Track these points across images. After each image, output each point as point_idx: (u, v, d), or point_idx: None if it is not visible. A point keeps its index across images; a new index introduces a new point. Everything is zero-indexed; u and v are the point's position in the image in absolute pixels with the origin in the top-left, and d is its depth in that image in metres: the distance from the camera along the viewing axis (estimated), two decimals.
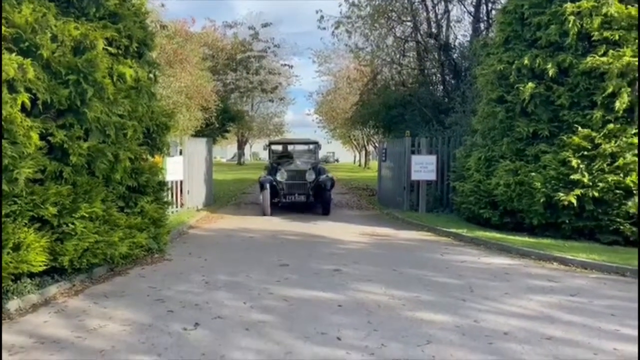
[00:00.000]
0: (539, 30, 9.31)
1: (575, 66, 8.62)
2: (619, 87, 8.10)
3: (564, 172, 8.37)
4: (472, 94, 13.26)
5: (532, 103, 9.08)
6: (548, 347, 4.20)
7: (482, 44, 12.45)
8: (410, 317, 4.94)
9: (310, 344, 4.24)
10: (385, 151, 15.22)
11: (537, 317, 4.96)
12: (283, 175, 12.72)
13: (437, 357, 3.98)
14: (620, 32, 8.39)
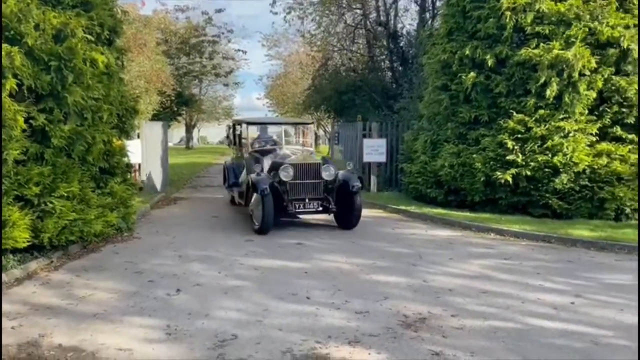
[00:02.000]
0: (479, 23, 10.13)
1: (511, 57, 9.50)
2: (549, 77, 9.02)
3: (501, 154, 9.28)
4: (418, 81, 14.08)
5: (474, 91, 9.93)
6: (485, 299, 4.98)
7: (428, 34, 13.26)
8: (369, 279, 5.62)
9: (284, 302, 4.84)
10: (337, 135, 15.89)
11: (476, 276, 5.76)
12: (288, 171, 8.07)
13: (394, 309, 4.67)
14: (550, 26, 9.31)
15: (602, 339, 4.01)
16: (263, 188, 7.78)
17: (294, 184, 8.13)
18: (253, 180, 8.07)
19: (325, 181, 8.27)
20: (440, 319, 4.44)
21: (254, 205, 8.20)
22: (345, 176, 8.42)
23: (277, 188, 8.05)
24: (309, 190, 8.21)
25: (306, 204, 8.12)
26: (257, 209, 8.01)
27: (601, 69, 8.96)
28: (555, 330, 4.18)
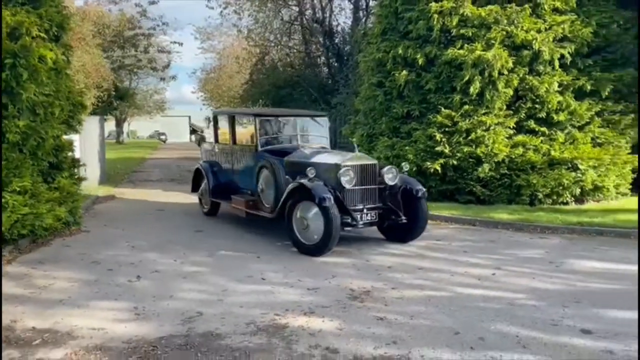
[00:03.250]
0: (410, 24, 10.89)
1: (439, 57, 10.32)
2: (472, 76, 9.89)
3: (431, 145, 10.09)
4: (354, 77, 14.77)
5: (406, 88, 10.69)
6: (420, 274, 5.65)
7: (362, 33, 13.96)
8: (318, 261, 6.16)
9: (242, 284, 5.27)
10: None
11: (412, 255, 6.44)
12: (349, 175, 6.61)
13: (341, 285, 5.22)
14: (473, 29, 10.20)
15: (516, 301, 4.75)
16: (324, 197, 6.17)
17: (352, 191, 6.67)
18: (308, 187, 6.38)
19: (387, 186, 6.92)
20: (382, 291, 5.04)
21: (296, 219, 6.60)
22: (405, 179, 7.11)
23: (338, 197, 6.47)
24: (367, 198, 6.79)
25: (364, 214, 6.67)
26: (313, 222, 6.40)
27: (517, 69, 9.94)
28: (479, 296, 4.89)
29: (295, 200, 6.69)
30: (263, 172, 7.68)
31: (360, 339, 3.89)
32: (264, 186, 7.61)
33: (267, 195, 7.58)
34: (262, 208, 7.69)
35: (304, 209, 6.57)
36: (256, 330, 4.06)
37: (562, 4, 10.34)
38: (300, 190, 6.59)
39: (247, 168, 8.24)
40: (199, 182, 9.51)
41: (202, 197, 9.41)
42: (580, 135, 10.04)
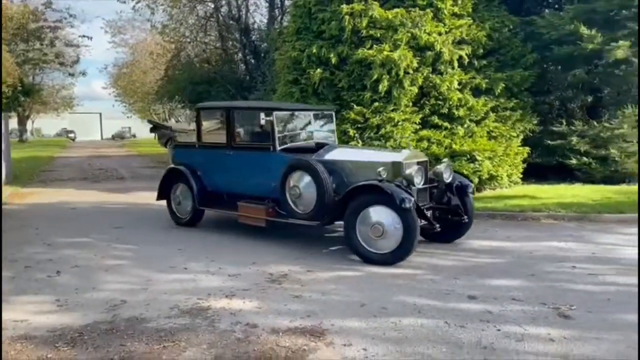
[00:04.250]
0: (323, 24, 11.38)
1: (350, 56, 10.89)
2: (381, 75, 10.54)
3: (345, 140, 10.64)
4: (271, 75, 15.09)
5: (321, 85, 11.17)
6: (334, 257, 6.13)
7: (278, 32, 14.31)
8: (240, 251, 6.48)
9: (164, 274, 5.48)
10: None
11: (328, 242, 6.91)
12: (420, 174, 6.12)
13: (260, 270, 5.59)
14: (381, 31, 10.86)
15: (416, 276, 5.36)
16: (405, 197, 5.57)
17: (419, 191, 6.14)
18: (383, 187, 5.69)
19: (440, 184, 6.48)
20: (299, 274, 5.46)
21: (364, 226, 5.85)
22: (456, 175, 6.70)
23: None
24: (426, 197, 6.35)
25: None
26: (392, 228, 5.69)
27: (421, 69, 10.72)
28: (385, 274, 5.44)
29: (360, 203, 5.91)
30: (295, 174, 6.52)
31: (278, 315, 4.28)
32: (301, 190, 6.44)
33: (305, 200, 6.43)
34: (293, 214, 6.60)
35: (375, 213, 5.81)
36: (180, 313, 4.33)
37: (460, 9, 11.29)
38: (368, 192, 5.89)
39: (258, 171, 7.10)
40: (168, 188, 8.14)
41: (179, 205, 8.01)
42: (477, 129, 11.03)
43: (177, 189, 8.01)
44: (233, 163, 7.36)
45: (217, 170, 7.59)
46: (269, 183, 6.90)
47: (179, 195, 7.99)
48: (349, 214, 5.95)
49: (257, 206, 7.03)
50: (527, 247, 6.51)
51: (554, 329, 3.93)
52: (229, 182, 7.49)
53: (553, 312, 4.28)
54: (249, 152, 7.32)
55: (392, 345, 3.69)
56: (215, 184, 7.66)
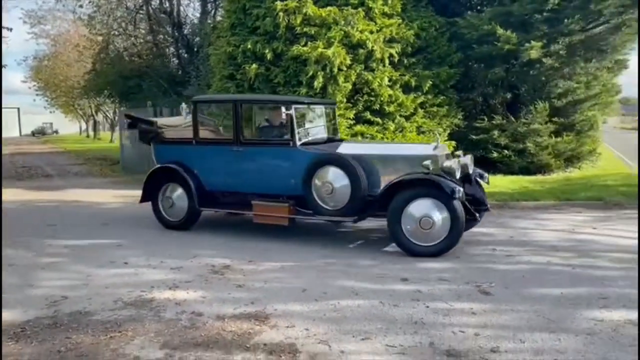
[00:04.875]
0: (258, 20, 11.50)
1: (286, 53, 11.10)
2: (316, 71, 10.82)
3: None
4: (206, 69, 14.99)
5: (257, 80, 11.31)
6: (273, 248, 6.35)
7: (212, 27, 14.24)
8: (182, 244, 6.54)
9: (105, 269, 5.48)
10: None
11: (268, 233, 7.11)
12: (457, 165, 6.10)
13: (202, 262, 5.71)
14: (315, 28, 11.14)
15: (355, 262, 5.68)
16: (455, 189, 5.63)
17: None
18: (435, 181, 5.75)
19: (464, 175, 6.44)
20: (241, 265, 5.63)
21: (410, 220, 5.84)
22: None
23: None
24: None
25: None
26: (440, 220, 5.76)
27: (354, 66, 11.11)
28: (325, 262, 5.72)
29: (406, 196, 5.89)
30: (324, 169, 6.29)
31: (222, 303, 4.45)
32: (333, 185, 6.22)
33: (337, 196, 6.23)
34: (320, 211, 6.38)
35: (422, 205, 5.83)
36: (124, 305, 4.40)
37: (390, 9, 11.77)
38: (414, 185, 5.90)
39: (275, 168, 6.76)
40: (154, 189, 7.50)
41: (171, 208, 7.39)
42: (407, 125, 11.57)
43: (167, 189, 7.41)
44: (242, 160, 6.90)
45: (221, 168, 7.08)
46: (287, 180, 6.62)
47: (172, 197, 7.37)
48: (394, 207, 5.91)
49: (278, 204, 6.66)
50: None
51: (475, 303, 4.36)
52: (237, 180, 6.99)
53: (475, 289, 4.72)
54: (262, 148, 6.97)
55: (332, 324, 3.96)
56: (217, 183, 7.16)
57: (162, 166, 7.40)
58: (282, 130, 6.92)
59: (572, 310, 4.18)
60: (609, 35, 12.64)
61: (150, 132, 7.72)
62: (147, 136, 7.79)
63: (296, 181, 6.48)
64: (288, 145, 6.64)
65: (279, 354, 3.47)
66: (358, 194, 6.09)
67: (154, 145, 7.70)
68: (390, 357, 3.43)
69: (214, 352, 3.48)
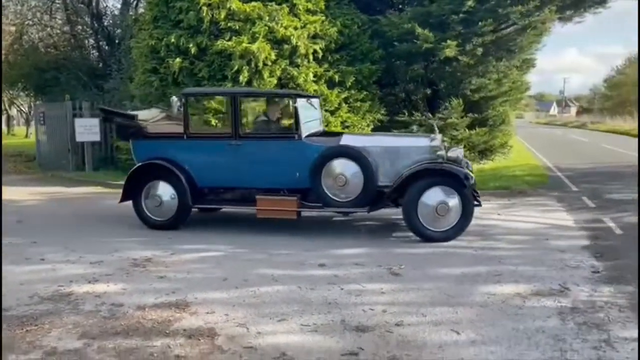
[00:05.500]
0: (181, 13, 11.39)
1: (210, 47, 11.07)
2: (241, 66, 10.89)
3: None
4: (128, 62, 14.61)
5: (181, 75, 11.21)
6: (194, 240, 6.44)
7: (134, 19, 13.90)
8: (101, 240, 6.47)
9: (20, 266, 5.35)
10: (43, 115, 15.16)
11: (189, 227, 7.18)
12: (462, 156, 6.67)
13: (124, 256, 5.71)
14: (239, 23, 11.19)
15: (274, 251, 5.89)
16: (468, 175, 6.12)
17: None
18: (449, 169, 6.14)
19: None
20: (163, 257, 5.68)
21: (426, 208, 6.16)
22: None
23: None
24: None
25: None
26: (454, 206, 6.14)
27: (279, 61, 11.28)
28: (245, 252, 5.89)
29: (422, 185, 6.18)
30: (335, 161, 6.40)
31: (143, 294, 4.52)
32: (347, 177, 6.33)
33: (349, 188, 6.35)
34: (330, 203, 6.47)
35: (437, 193, 6.17)
36: (41, 300, 4.36)
37: (314, 6, 12.03)
38: (428, 174, 6.23)
39: (279, 161, 6.68)
40: (136, 188, 7.05)
41: (158, 206, 6.99)
42: (332, 119, 11.89)
43: (153, 187, 6.98)
44: (241, 154, 6.75)
45: (217, 164, 6.88)
46: (291, 173, 6.60)
47: (158, 195, 6.96)
48: (411, 195, 6.17)
49: (285, 198, 6.63)
50: (369, 221, 7.40)
51: (386, 284, 4.71)
52: (236, 175, 6.81)
53: (387, 271, 5.08)
54: (264, 141, 6.88)
55: (250, 309, 4.16)
56: (212, 179, 6.94)
57: (147, 163, 6.98)
58: (284, 123, 7.03)
59: (469, 286, 4.63)
60: (516, 36, 13.59)
61: (131, 127, 7.24)
62: (126, 131, 7.37)
63: (301, 174, 6.52)
64: (293, 138, 6.64)
65: (198, 337, 3.62)
66: (371, 185, 6.29)
67: (134, 141, 7.26)
68: (304, 335, 3.68)
69: (134, 340, 3.58)
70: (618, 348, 3.42)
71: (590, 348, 3.42)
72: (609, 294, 4.43)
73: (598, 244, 6.13)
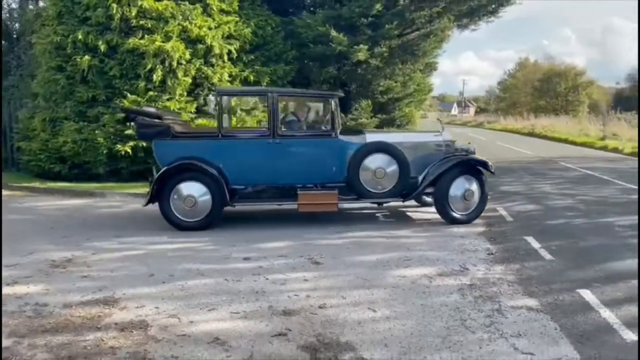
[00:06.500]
0: (88, 10, 11.06)
1: (121, 45, 10.84)
2: (154, 65, 10.78)
3: (120, 129, 10.62)
4: (28, 59, 13.82)
5: (90, 72, 10.87)
6: (114, 241, 6.42)
7: (35, 14, 13.19)
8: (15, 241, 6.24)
9: None
10: None
11: (108, 229, 7.10)
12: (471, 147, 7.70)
13: (41, 258, 5.58)
14: (152, 21, 11.06)
15: (199, 247, 6.03)
16: (488, 163, 7.37)
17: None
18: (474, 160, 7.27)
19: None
20: (83, 258, 5.62)
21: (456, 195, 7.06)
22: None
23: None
24: None
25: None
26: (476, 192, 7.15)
27: (194, 60, 11.30)
28: (167, 249, 5.98)
29: (452, 175, 7.05)
30: (374, 156, 7.02)
31: (68, 293, 4.51)
32: (387, 170, 7.01)
33: (386, 180, 7.03)
34: (366, 195, 7.08)
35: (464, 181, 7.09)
36: None
37: (227, 6, 12.17)
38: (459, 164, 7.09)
39: (317, 158, 7.10)
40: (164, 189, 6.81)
41: (192, 207, 6.79)
42: (248, 119, 12.02)
43: (185, 188, 6.80)
44: (279, 152, 6.96)
45: (253, 162, 6.99)
46: (329, 168, 7.05)
47: (192, 195, 6.78)
48: (443, 185, 7.01)
49: (326, 192, 7.03)
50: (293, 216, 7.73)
51: (308, 272, 5.05)
52: (273, 173, 7.01)
53: (308, 261, 5.43)
54: (301, 139, 7.23)
55: (180, 301, 4.32)
56: (248, 177, 7.03)
57: (181, 163, 6.78)
58: (320, 121, 7.64)
59: (383, 270, 5.10)
60: (420, 41, 14.57)
61: (157, 126, 7.00)
62: (150, 131, 7.04)
63: (337, 169, 7.04)
64: (330, 136, 7.12)
65: (131, 330, 3.74)
66: (405, 177, 7.04)
67: (159, 141, 6.98)
68: (234, 321, 3.92)
69: (64, 336, 3.63)
70: (507, 315, 4.01)
71: (484, 316, 3.97)
72: (500, 272, 5.08)
73: (492, 230, 6.91)
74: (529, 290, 4.57)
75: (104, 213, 8.23)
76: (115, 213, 8.26)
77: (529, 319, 3.93)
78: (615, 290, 4.55)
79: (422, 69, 16.29)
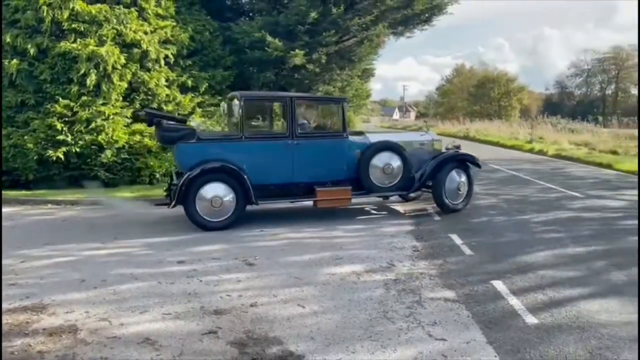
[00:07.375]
0: (17, 12, 10.71)
1: (52, 49, 10.56)
2: (88, 69, 10.55)
3: (51, 134, 10.34)
4: None
5: (19, 76, 10.51)
6: (47, 248, 6.31)
7: None
8: None
9: None
10: None
11: (42, 234, 6.95)
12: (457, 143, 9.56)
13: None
14: (85, 25, 10.83)
15: (134, 252, 6.04)
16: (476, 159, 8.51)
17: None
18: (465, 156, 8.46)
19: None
20: (11, 266, 5.48)
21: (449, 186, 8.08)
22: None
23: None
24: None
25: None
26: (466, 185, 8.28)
27: (129, 65, 11.15)
28: (102, 254, 5.95)
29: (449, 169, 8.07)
30: (382, 154, 7.88)
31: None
32: (393, 166, 7.88)
33: (392, 175, 7.89)
34: (374, 189, 7.89)
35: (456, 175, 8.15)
36: None
37: (164, 11, 12.10)
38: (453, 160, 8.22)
39: (331, 157, 7.76)
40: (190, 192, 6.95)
41: (219, 207, 7.07)
42: None
43: (212, 189, 7.06)
44: (298, 153, 7.50)
45: (274, 162, 7.47)
46: (340, 166, 7.78)
47: (218, 196, 7.06)
48: (440, 178, 7.99)
49: (341, 188, 7.69)
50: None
51: (242, 273, 5.20)
52: (291, 171, 7.51)
53: (242, 262, 5.57)
54: (317, 140, 7.86)
55: (111, 305, 4.36)
56: (268, 176, 7.45)
57: (210, 166, 7.05)
58: (332, 123, 8.45)
59: (314, 269, 5.32)
60: (356, 47, 14.99)
61: (180, 130, 7.31)
62: (176, 135, 7.24)
63: (348, 167, 7.82)
64: (342, 136, 7.88)
65: (60, 334, 3.76)
66: (408, 172, 7.96)
67: (183, 145, 7.20)
68: (166, 322, 4.01)
69: None
70: (426, 306, 4.32)
71: (405, 308, 4.27)
72: (423, 267, 5.42)
73: (420, 228, 7.30)
74: (448, 283, 4.92)
75: (34, 221, 8.02)
76: (47, 220, 8.06)
77: (445, 309, 4.25)
78: (524, 280, 4.98)
79: (360, 75, 16.78)
